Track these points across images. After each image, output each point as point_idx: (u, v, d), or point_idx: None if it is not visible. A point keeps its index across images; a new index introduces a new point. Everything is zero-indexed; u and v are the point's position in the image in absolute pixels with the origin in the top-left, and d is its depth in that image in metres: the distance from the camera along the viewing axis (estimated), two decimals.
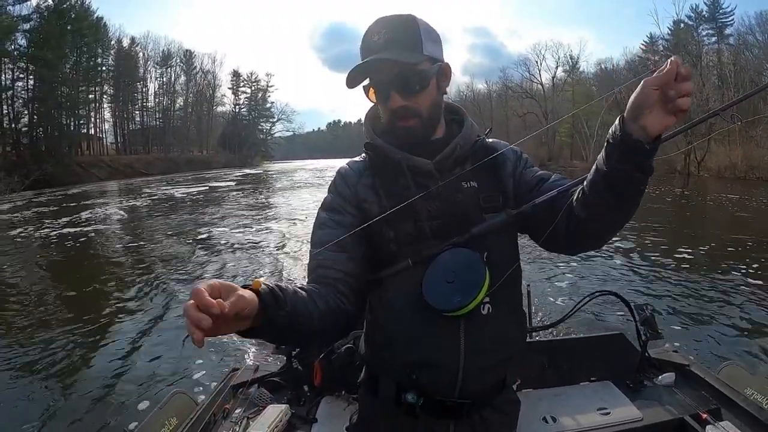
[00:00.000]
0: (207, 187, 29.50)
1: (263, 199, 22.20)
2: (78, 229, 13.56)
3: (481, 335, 1.14)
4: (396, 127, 1.16)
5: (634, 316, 2.38)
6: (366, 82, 1.16)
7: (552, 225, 1.10)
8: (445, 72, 1.19)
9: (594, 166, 0.99)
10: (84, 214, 16.96)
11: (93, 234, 12.85)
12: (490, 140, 1.27)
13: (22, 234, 13.12)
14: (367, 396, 1.31)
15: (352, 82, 1.14)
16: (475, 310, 1.10)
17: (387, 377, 1.23)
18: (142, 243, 11.38)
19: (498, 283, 1.12)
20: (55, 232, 12.95)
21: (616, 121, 0.91)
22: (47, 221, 15.34)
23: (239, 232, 12.18)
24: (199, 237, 11.60)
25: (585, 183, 1.03)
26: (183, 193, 25.75)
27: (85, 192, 28.52)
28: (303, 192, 24.93)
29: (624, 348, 2.47)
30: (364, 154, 1.26)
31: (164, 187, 30.34)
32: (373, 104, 1.24)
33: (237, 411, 2.24)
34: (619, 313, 4.76)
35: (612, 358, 2.42)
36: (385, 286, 1.18)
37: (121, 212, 17.92)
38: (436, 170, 1.17)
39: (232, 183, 33.83)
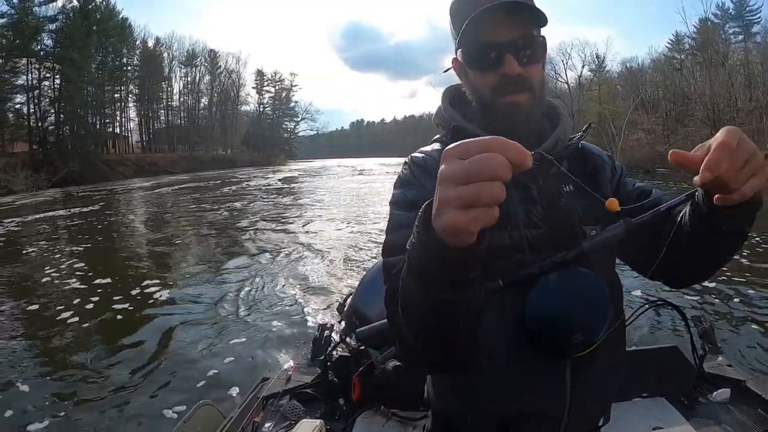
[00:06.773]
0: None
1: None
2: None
3: (589, 377, 0.93)
4: (498, 104, 0.93)
5: (689, 329, 2.20)
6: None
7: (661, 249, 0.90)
8: (545, 48, 0.99)
9: None
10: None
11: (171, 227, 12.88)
12: (583, 142, 1.07)
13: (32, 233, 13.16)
14: None
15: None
16: None
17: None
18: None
19: (618, 316, 0.94)
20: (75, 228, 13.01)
21: None
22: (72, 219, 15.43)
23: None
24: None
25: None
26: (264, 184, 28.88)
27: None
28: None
29: (678, 362, 2.30)
30: (437, 144, 1.04)
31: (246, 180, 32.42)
32: (444, 89, 1.06)
33: (267, 425, 2.09)
34: (667, 323, 4.53)
35: (665, 373, 2.25)
36: None
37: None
38: (536, 168, 0.93)
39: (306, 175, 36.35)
